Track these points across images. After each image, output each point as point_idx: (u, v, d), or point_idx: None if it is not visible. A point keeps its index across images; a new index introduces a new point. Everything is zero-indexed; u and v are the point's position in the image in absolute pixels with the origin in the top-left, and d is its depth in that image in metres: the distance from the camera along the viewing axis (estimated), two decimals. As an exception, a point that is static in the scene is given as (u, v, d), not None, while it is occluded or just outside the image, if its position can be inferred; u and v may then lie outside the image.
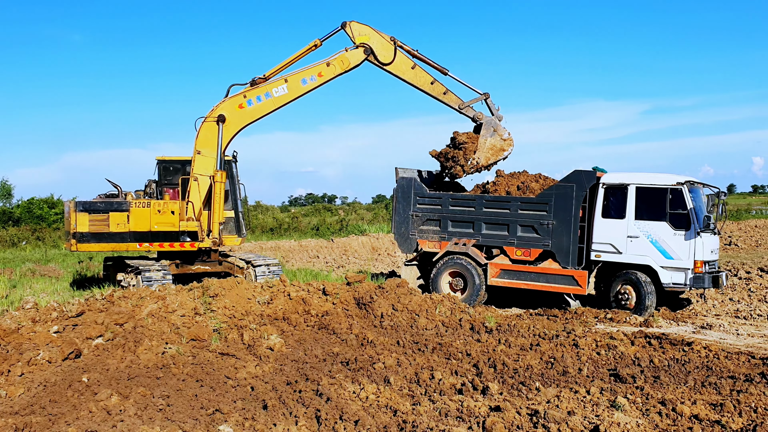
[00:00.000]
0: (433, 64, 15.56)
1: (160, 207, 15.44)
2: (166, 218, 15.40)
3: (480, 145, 15.07)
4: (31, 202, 39.41)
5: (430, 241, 15.12)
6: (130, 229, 15.24)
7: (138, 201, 15.49)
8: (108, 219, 15.24)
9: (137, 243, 15.39)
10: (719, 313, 13.64)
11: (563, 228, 13.68)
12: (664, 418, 6.68)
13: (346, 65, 15.22)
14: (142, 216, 15.34)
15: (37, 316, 9.89)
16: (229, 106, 15.22)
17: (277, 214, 48.73)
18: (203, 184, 15.34)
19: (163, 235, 15.43)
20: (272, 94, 15.18)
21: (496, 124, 15.24)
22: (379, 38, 15.19)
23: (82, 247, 15.19)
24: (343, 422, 6.44)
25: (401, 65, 15.30)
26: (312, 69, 15.21)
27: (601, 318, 12.74)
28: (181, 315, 10.41)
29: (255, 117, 15.39)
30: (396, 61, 15.22)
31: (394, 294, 12.40)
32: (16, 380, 7.56)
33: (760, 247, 26.40)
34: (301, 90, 15.26)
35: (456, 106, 15.50)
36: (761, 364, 8.91)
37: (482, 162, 15.10)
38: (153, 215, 15.38)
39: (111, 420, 6.46)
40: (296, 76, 15.21)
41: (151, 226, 15.36)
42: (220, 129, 15.10)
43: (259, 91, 15.18)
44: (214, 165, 15.25)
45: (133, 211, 15.29)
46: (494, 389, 7.58)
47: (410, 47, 15.40)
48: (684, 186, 12.96)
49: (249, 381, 8.03)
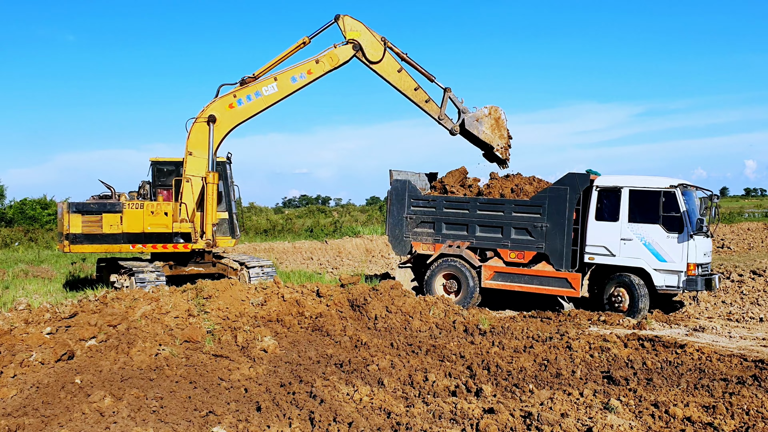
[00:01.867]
0: (421, 70, 15.62)
1: (153, 208, 15.36)
2: (159, 220, 15.32)
3: (488, 138, 15.44)
4: (24, 203, 39.20)
5: (424, 243, 15.14)
6: (123, 230, 15.14)
7: (131, 202, 15.40)
8: (101, 220, 15.13)
9: (130, 244, 15.30)
10: (712, 315, 13.70)
11: (557, 230, 13.72)
12: (657, 420, 6.70)
13: (335, 62, 15.11)
14: (135, 217, 15.25)
15: (29, 317, 9.85)
16: (219, 106, 15.13)
17: (270, 216, 48.61)
18: (196, 186, 15.28)
19: (156, 236, 15.33)
20: (262, 93, 15.10)
21: (473, 118, 15.50)
22: (369, 36, 15.13)
23: (75, 248, 15.08)
24: (336, 424, 6.44)
25: (388, 67, 15.25)
26: (301, 66, 15.14)
27: (594, 320, 12.78)
28: (175, 316, 10.38)
29: (245, 116, 15.31)
30: (383, 61, 15.16)
31: (388, 296, 12.40)
32: (8, 381, 7.53)
33: (753, 250, 26.52)
34: (291, 88, 15.18)
35: (436, 116, 15.56)
36: (753, 366, 8.95)
37: (503, 143, 15.55)
38: (146, 217, 15.28)
39: (104, 421, 6.44)
40: (286, 74, 15.13)
41: (144, 227, 15.27)
42: (211, 130, 15.02)
43: (249, 90, 15.09)
44: (206, 166, 15.20)
45: (126, 213, 15.20)
46: (488, 391, 7.59)
47: (400, 50, 15.40)
48: (677, 189, 13.02)
49: (242, 383, 8.01)
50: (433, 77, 15.60)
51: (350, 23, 15.11)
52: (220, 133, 15.26)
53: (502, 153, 15.58)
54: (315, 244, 29.54)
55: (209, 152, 15.11)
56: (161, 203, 15.54)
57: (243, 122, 15.43)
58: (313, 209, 62.75)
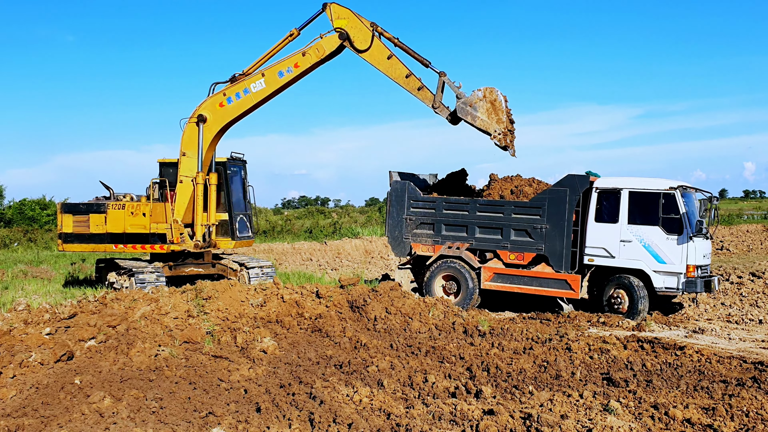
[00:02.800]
0: (415, 55, 14.43)
1: (133, 209, 15.55)
2: (138, 220, 15.51)
3: (484, 124, 13.82)
4: (23, 204, 39.23)
5: (423, 244, 15.13)
6: (108, 230, 15.57)
7: (114, 203, 15.77)
8: (89, 220, 15.68)
9: (113, 244, 15.68)
10: (711, 317, 13.71)
11: (556, 232, 13.72)
12: (657, 422, 6.71)
13: (321, 53, 14.33)
14: (117, 218, 15.59)
15: (29, 317, 9.84)
16: (209, 105, 14.92)
17: (270, 217, 48.56)
18: (188, 187, 15.20)
19: (135, 237, 15.54)
20: (251, 90, 14.64)
21: (466, 103, 13.86)
22: (357, 22, 14.18)
23: (67, 247, 15.76)
24: (336, 425, 6.44)
25: (377, 54, 14.20)
26: (288, 60, 14.51)
27: (593, 322, 12.78)
28: (174, 317, 10.38)
29: (235, 114, 14.95)
30: (372, 48, 14.14)
31: (388, 297, 12.40)
32: (8, 382, 7.52)
33: (752, 252, 26.54)
34: (279, 83, 14.58)
35: (430, 104, 14.31)
36: (753, 368, 8.95)
37: (500, 128, 13.75)
38: (126, 217, 15.56)
39: (103, 422, 6.44)
40: (273, 69, 14.56)
41: (125, 227, 15.56)
42: (200, 130, 14.87)
43: (238, 87, 14.71)
44: (204, 166, 15.14)
45: (110, 213, 15.59)
46: (487, 393, 7.59)
47: (392, 35, 14.35)
48: (676, 191, 13.03)
49: (242, 384, 8.01)
50: (428, 62, 14.36)
51: (337, 11, 14.24)
52: (211, 133, 15.01)
53: (501, 140, 13.79)
54: (314, 245, 29.55)
55: (198, 152, 15.02)
56: (141, 204, 15.65)
57: (236, 120, 15.12)
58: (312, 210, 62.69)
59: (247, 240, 16.97)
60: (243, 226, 16.77)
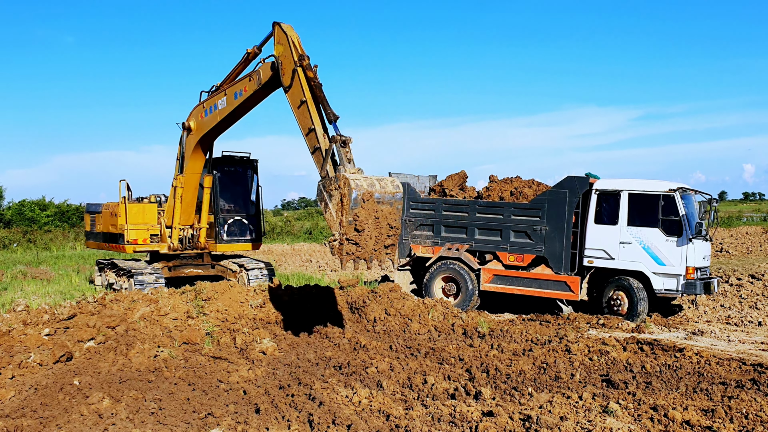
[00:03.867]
0: (326, 107, 10.42)
1: (112, 209, 16.04)
2: (113, 220, 15.97)
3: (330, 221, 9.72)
4: (23, 204, 39.22)
5: (423, 246, 15.13)
6: (101, 230, 16.59)
7: (107, 204, 16.42)
8: (94, 220, 16.97)
9: (105, 243, 16.58)
10: (711, 319, 13.71)
11: (556, 234, 13.73)
12: (656, 423, 6.70)
13: (258, 82, 11.87)
14: (105, 218, 16.36)
15: (28, 318, 9.85)
16: (194, 115, 14.50)
17: (269, 218, 48.57)
18: (178, 190, 15.41)
19: (110, 236, 16.21)
20: (217, 106, 13.51)
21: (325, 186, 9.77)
22: (287, 52, 10.87)
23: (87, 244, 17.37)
24: (335, 426, 6.43)
25: (293, 96, 10.79)
26: (240, 83, 12.65)
27: (593, 324, 12.78)
28: (174, 318, 10.38)
29: (208, 128, 13.96)
30: (292, 88, 10.79)
31: (387, 298, 12.40)
32: (6, 383, 7.52)
33: (751, 254, 26.54)
34: (235, 104, 12.87)
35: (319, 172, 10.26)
36: (752, 370, 8.95)
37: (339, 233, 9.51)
38: (107, 218, 16.22)
39: (102, 423, 6.43)
40: (232, 89, 12.93)
41: (107, 227, 16.31)
42: (183, 135, 14.84)
43: (210, 102, 13.82)
44: (190, 170, 15.12)
45: (102, 214, 16.46)
46: (487, 394, 7.58)
47: (315, 74, 10.63)
48: (676, 192, 13.03)
49: (241, 385, 8.01)
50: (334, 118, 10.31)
51: (278, 34, 11.13)
52: (193, 141, 14.63)
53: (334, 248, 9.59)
54: (314, 247, 29.55)
55: (182, 157, 15.02)
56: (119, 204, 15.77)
57: (217, 130, 14.13)
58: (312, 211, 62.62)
59: (244, 243, 16.81)
60: (244, 229, 16.71)
